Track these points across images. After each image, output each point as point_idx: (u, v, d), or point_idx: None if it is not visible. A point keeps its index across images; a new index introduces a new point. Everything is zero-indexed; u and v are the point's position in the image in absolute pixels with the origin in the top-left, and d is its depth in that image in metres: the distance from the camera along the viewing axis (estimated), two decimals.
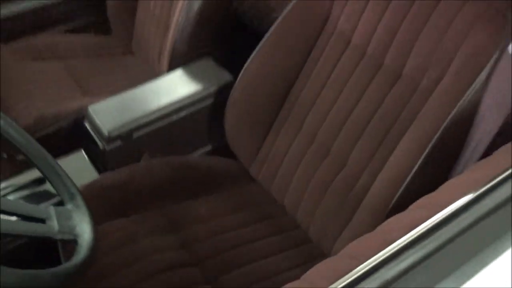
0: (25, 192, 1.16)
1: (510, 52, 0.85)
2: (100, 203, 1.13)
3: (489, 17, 0.89)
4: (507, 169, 0.58)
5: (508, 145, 0.65)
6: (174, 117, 1.30)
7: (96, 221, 1.09)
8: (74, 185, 0.86)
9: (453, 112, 0.89)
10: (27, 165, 1.31)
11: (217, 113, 1.31)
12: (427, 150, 0.90)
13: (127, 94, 1.32)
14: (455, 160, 0.94)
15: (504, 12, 0.89)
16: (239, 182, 1.28)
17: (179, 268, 1.03)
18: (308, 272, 0.54)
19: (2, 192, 1.16)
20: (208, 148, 1.42)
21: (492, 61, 0.87)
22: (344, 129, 1.09)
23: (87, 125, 1.27)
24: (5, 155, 1.49)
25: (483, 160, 0.65)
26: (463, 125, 0.91)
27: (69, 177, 0.87)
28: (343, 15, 1.11)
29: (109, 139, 1.21)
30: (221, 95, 1.33)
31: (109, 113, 1.25)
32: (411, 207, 0.63)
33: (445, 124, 0.89)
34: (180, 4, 1.45)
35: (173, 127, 1.31)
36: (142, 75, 1.60)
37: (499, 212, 0.53)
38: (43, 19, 1.76)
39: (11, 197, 1.13)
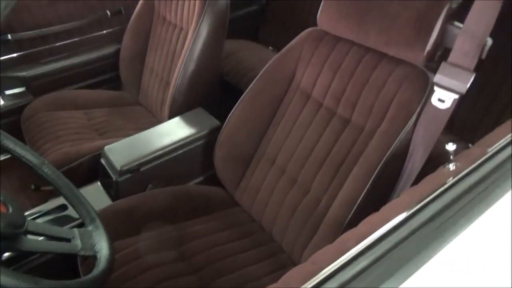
0: (50, 217, 1.14)
1: (432, 102, 0.89)
2: (112, 225, 1.10)
3: (414, 77, 0.94)
4: (430, 194, 0.61)
5: (432, 174, 0.68)
6: (174, 154, 1.29)
7: (112, 239, 1.08)
8: (94, 210, 0.85)
9: (390, 150, 0.91)
10: (51, 194, 1.28)
11: (208, 150, 1.31)
12: (371, 179, 0.92)
13: (135, 137, 1.32)
14: (393, 187, 0.96)
15: (425, 74, 0.93)
16: (226, 206, 1.27)
17: (179, 277, 1.01)
18: (283, 277, 0.55)
19: (31, 217, 1.13)
20: (201, 178, 1.40)
21: (418, 110, 0.91)
22: (308, 163, 1.11)
23: (103, 161, 1.25)
24: (32, 186, 1.46)
25: (414, 187, 0.67)
26: (398, 159, 0.93)
27: (90, 204, 0.86)
28: (304, 76, 1.15)
29: (121, 173, 1.20)
30: (211, 137, 1.33)
31: (121, 152, 1.24)
32: (361, 223, 0.65)
33: (384, 159, 0.92)
34: (178, 66, 1.46)
35: (173, 162, 1.30)
36: (147, 122, 1.60)
37: (425, 227, 0.56)
38: (67, 77, 1.75)
39: (39, 221, 1.10)
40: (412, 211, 0.58)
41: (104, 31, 1.82)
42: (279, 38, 1.44)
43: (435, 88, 0.87)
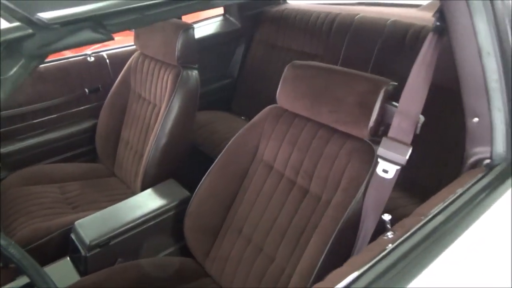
0: None
1: (377, 173, 0.97)
2: None
3: (362, 150, 1.03)
4: (380, 253, 0.67)
5: (373, 243, 0.74)
6: (144, 226, 1.32)
7: None
8: (53, 283, 0.86)
9: (343, 219, 0.98)
10: (19, 272, 1.28)
11: (179, 221, 1.34)
12: (327, 248, 0.97)
13: (106, 211, 1.35)
14: (350, 252, 1.01)
15: (372, 147, 1.03)
16: (196, 277, 1.27)
17: None
18: None
19: None
20: (172, 249, 1.42)
21: (366, 180, 0.99)
22: (272, 232, 1.16)
23: (73, 236, 1.27)
24: (1, 264, 1.44)
25: (355, 256, 0.73)
26: (352, 226, 0.99)
27: (54, 284, 0.87)
28: (267, 150, 1.23)
29: (90, 248, 1.21)
30: (181, 208, 1.37)
31: (91, 226, 1.27)
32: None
33: (338, 227, 0.98)
34: (151, 139, 1.54)
35: (143, 234, 1.32)
36: (121, 193, 1.63)
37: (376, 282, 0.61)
38: (43, 152, 1.80)
39: None
40: (362, 270, 0.64)
41: (82, 107, 1.91)
42: (250, 109, 1.55)
43: (379, 160, 0.97)
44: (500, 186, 0.85)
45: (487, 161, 0.92)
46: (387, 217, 0.76)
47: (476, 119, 0.91)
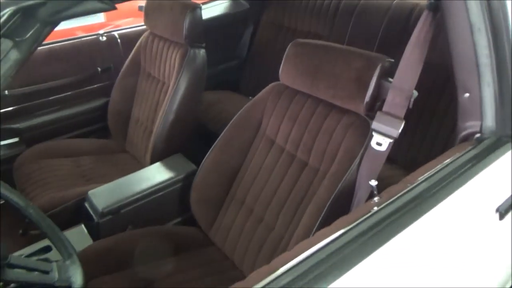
0: (34, 257, 1.21)
1: (371, 146, 1.02)
2: (91, 263, 1.19)
3: (358, 124, 1.08)
4: (365, 215, 0.73)
5: (360, 206, 0.80)
6: (152, 197, 1.39)
7: (90, 277, 1.16)
8: (72, 246, 0.94)
9: (337, 188, 1.03)
10: (38, 238, 1.37)
11: (185, 193, 1.41)
12: (321, 216, 1.03)
13: (117, 182, 1.43)
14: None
15: (367, 122, 1.07)
16: (201, 245, 1.35)
17: None
18: None
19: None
20: (179, 219, 1.50)
21: (361, 152, 1.04)
22: (272, 203, 1.22)
23: (86, 205, 1.36)
24: (20, 231, 1.54)
25: (345, 216, 0.78)
26: (346, 196, 1.04)
27: (68, 241, 0.95)
28: (269, 125, 1.29)
29: (102, 215, 1.30)
30: (187, 180, 1.44)
31: (103, 196, 1.35)
32: (295, 247, 0.74)
33: (332, 196, 1.03)
34: (159, 115, 1.61)
35: (152, 204, 1.40)
36: (132, 168, 1.70)
37: (349, 245, 0.67)
38: (58, 128, 1.89)
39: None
40: (339, 234, 0.70)
41: (95, 86, 1.99)
42: (258, 89, 1.60)
43: (373, 133, 1.01)
44: (487, 158, 0.89)
45: (478, 135, 0.96)
46: (373, 182, 0.81)
47: (467, 94, 0.94)
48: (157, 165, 1.52)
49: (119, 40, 1.99)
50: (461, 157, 0.89)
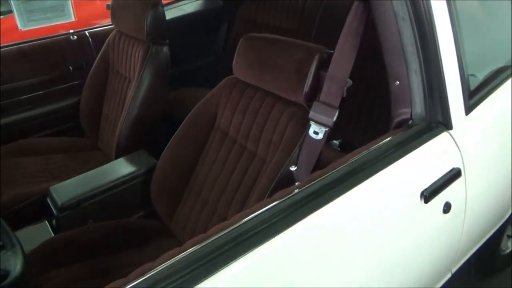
0: None
1: (309, 134, 1.05)
2: (50, 256, 1.23)
3: (299, 114, 1.11)
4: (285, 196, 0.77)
5: (284, 190, 0.83)
6: (112, 192, 1.43)
7: (45, 269, 1.20)
8: (15, 237, 0.98)
9: (277, 176, 1.07)
10: None
11: (147, 188, 1.45)
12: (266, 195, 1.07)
13: (80, 177, 1.47)
14: None
15: (306, 115, 1.09)
16: (161, 237, 1.39)
17: None
18: None
19: None
20: (142, 213, 1.53)
21: (300, 141, 1.07)
22: (224, 194, 1.26)
23: (48, 200, 1.40)
24: None
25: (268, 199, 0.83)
26: (287, 183, 1.07)
27: (13, 233, 0.99)
28: (223, 118, 1.32)
29: (61, 209, 1.33)
30: (149, 175, 1.47)
31: (64, 190, 1.39)
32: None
33: (273, 184, 1.07)
34: (123, 112, 1.65)
35: (113, 199, 1.43)
36: (103, 165, 1.74)
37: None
38: (31, 127, 1.93)
39: None
40: (256, 214, 0.74)
41: (68, 84, 2.02)
42: None
43: (311, 123, 1.04)
44: (412, 143, 0.92)
45: (410, 122, 0.99)
46: (293, 168, 0.84)
47: (397, 82, 0.97)
48: (120, 160, 1.55)
49: (90, 39, 2.03)
50: (388, 142, 0.92)
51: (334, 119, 1.02)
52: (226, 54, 2.44)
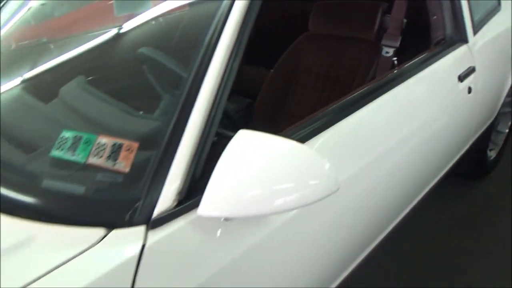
0: None
1: (382, 54, 1.69)
2: None
3: (372, 47, 1.74)
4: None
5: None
6: None
7: None
8: None
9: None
10: None
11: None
12: None
13: None
14: None
15: (378, 45, 1.72)
16: None
17: None
18: None
19: None
20: None
21: (376, 61, 1.70)
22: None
23: None
24: None
25: None
26: None
27: None
28: (307, 61, 1.93)
29: None
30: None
31: None
32: None
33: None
34: None
35: None
36: None
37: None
38: None
39: None
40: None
41: None
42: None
43: (383, 47, 1.69)
44: (448, 49, 1.59)
45: (443, 41, 1.66)
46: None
47: (435, 16, 1.64)
48: None
49: None
50: (436, 51, 1.58)
51: (398, 43, 1.66)
52: None
